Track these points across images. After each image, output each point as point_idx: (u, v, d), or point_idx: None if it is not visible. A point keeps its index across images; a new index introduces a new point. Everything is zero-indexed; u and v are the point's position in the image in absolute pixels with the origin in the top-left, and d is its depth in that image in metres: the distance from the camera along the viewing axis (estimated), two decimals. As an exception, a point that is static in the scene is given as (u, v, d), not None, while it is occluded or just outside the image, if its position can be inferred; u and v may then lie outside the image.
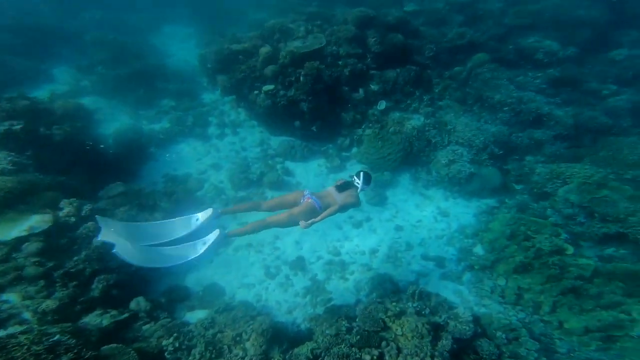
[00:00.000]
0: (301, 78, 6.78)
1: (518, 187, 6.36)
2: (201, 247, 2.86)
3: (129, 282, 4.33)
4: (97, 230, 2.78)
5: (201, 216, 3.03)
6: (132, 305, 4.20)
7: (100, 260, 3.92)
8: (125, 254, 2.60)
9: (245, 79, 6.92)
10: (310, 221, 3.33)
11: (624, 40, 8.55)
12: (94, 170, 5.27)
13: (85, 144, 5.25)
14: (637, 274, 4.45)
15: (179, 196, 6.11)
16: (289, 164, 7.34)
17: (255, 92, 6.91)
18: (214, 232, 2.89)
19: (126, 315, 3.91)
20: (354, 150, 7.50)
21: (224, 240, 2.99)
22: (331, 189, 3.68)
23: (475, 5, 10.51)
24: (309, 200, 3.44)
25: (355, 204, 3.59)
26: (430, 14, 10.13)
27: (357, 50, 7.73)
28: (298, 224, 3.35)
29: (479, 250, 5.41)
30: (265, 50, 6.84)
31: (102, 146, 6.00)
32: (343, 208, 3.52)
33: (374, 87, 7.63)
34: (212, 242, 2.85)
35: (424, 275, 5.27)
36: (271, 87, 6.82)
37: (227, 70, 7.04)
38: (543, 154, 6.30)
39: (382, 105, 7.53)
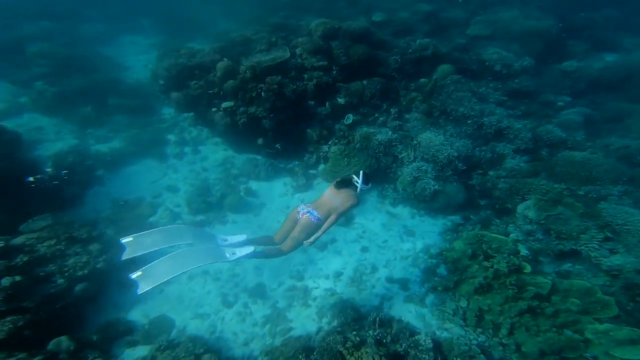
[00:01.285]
0: (262, 94, 6.73)
1: (482, 202, 6.54)
2: (230, 256, 2.93)
3: (50, 321, 3.98)
4: (122, 251, 2.80)
5: (231, 239, 3.12)
6: (51, 345, 3.85)
7: (9, 301, 3.61)
8: (152, 281, 2.58)
9: (202, 95, 6.75)
10: (312, 238, 3.40)
11: (573, 51, 9.14)
12: (24, 200, 4.92)
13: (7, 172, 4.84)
14: (591, 291, 4.65)
15: (127, 223, 5.83)
16: (253, 184, 7.20)
17: (214, 109, 6.75)
18: (247, 247, 2.99)
19: (40, 357, 3.57)
20: (321, 167, 7.47)
21: (249, 257, 3.09)
22: (328, 192, 3.66)
23: (440, 14, 10.96)
24: (305, 215, 3.45)
25: (355, 205, 3.55)
26: (398, 24, 10.44)
27: (323, 63, 7.76)
28: (304, 241, 3.44)
29: (442, 270, 5.47)
30: (223, 64, 6.72)
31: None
32: (344, 213, 3.50)
33: (340, 100, 7.65)
34: (241, 257, 2.95)
35: (388, 299, 5.25)
36: (230, 103, 6.70)
37: (182, 86, 6.84)
38: (504, 169, 6.52)
39: (349, 119, 7.55)
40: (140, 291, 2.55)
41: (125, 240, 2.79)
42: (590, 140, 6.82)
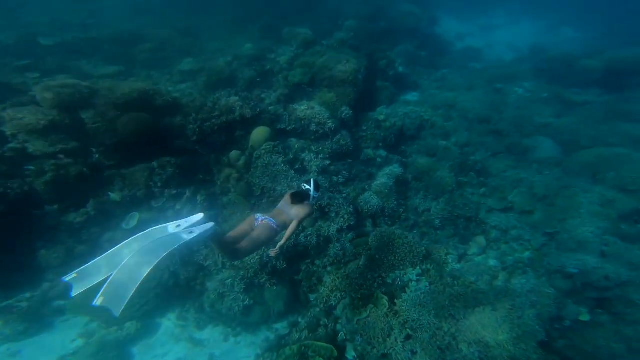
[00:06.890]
0: None
1: (312, 297, 6.70)
2: (188, 236, 3.01)
3: None
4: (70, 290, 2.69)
5: (186, 221, 3.21)
6: None
7: None
8: (120, 302, 2.60)
9: None
10: (277, 247, 4.09)
11: (383, 95, 10.90)
12: None
13: None
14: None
15: None
16: None
17: None
18: (207, 224, 3.16)
19: None
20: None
21: (212, 236, 3.24)
22: (282, 204, 4.18)
23: (265, 56, 11.31)
24: (264, 221, 3.83)
25: (312, 213, 4.18)
26: (213, 73, 10.07)
27: (69, 145, 6.24)
28: (262, 247, 4.43)
29: None
30: None
31: None
32: (303, 220, 4.11)
33: (114, 196, 6.37)
34: (201, 233, 3.06)
35: None
36: None
37: None
38: (329, 256, 6.86)
39: (133, 221, 6.30)
40: (116, 314, 2.58)
41: (68, 278, 2.75)
42: (402, 205, 8.06)
